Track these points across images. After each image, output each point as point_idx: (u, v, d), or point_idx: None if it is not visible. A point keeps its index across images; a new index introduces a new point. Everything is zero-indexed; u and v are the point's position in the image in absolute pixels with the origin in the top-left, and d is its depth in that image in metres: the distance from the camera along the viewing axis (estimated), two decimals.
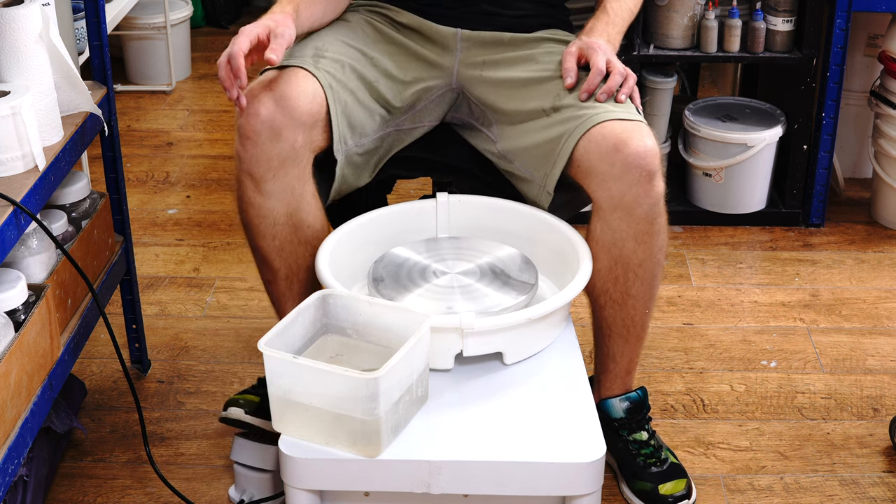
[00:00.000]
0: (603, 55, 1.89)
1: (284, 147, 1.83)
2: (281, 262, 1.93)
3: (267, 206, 1.87)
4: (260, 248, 1.93)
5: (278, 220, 1.89)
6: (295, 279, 1.95)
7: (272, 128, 1.81)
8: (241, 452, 2.04)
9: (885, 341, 2.57)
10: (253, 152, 1.83)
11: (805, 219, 3.07)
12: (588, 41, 1.92)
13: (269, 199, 1.86)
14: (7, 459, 1.66)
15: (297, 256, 1.93)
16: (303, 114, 1.83)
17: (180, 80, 4.04)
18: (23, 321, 1.76)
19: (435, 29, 2.01)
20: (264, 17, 1.84)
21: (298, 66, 1.88)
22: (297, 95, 1.83)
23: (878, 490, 2.13)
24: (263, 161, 1.83)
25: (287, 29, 1.81)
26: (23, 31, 1.83)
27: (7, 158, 1.77)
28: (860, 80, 3.18)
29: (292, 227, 1.89)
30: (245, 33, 1.79)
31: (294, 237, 1.91)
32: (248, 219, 1.91)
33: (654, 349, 2.54)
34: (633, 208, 1.82)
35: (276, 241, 1.91)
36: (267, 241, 1.91)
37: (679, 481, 2.05)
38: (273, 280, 1.96)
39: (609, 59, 1.90)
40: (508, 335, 1.73)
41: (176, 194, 3.23)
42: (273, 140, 1.82)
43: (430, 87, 2.02)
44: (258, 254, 1.94)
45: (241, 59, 1.76)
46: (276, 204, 1.87)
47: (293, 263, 1.93)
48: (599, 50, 1.90)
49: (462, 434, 1.64)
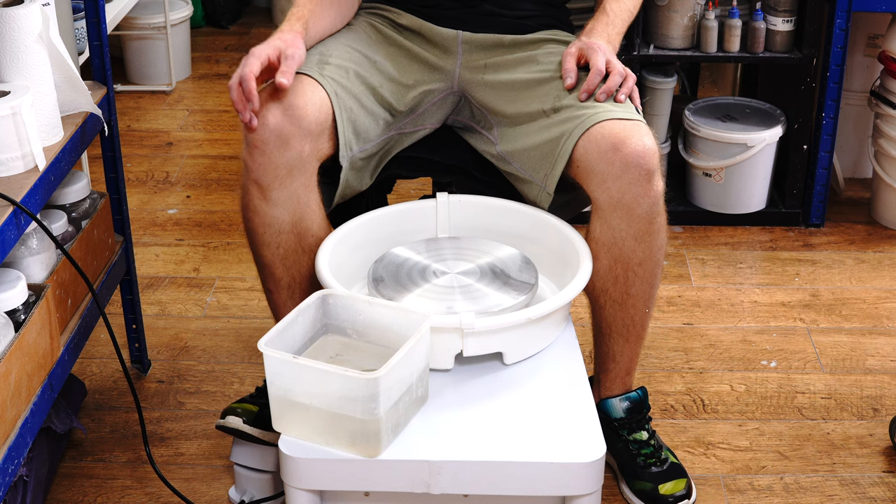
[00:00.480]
0: (602, 55, 1.89)
1: (292, 156, 1.83)
2: (284, 271, 1.93)
3: (272, 214, 1.87)
4: (263, 257, 1.93)
5: (283, 229, 1.88)
6: (297, 288, 1.95)
7: (280, 136, 1.81)
8: (241, 453, 2.04)
9: (885, 341, 2.57)
10: (260, 161, 1.82)
11: (805, 219, 3.07)
12: (588, 42, 1.92)
13: (275, 208, 1.86)
14: (7, 459, 1.66)
15: (301, 266, 1.92)
16: (311, 122, 1.83)
17: (180, 80, 4.04)
18: (23, 321, 1.76)
19: (436, 31, 2.01)
20: (274, 37, 1.84)
21: (305, 73, 1.88)
22: (305, 104, 1.83)
23: (878, 490, 2.13)
24: (271, 170, 1.83)
25: (297, 50, 1.81)
26: (23, 31, 1.83)
27: (7, 158, 1.77)
28: (860, 80, 3.18)
29: (297, 236, 1.89)
30: (255, 55, 1.79)
31: (298, 246, 1.90)
32: (252, 227, 1.91)
33: (654, 349, 2.54)
34: (633, 207, 1.82)
35: (280, 250, 1.91)
36: (271, 250, 1.91)
37: (679, 481, 2.05)
38: (275, 289, 1.96)
39: (609, 60, 1.90)
40: (508, 335, 1.73)
41: (176, 194, 3.23)
42: (281, 149, 1.82)
43: (432, 90, 2.02)
44: (261, 262, 1.94)
45: (253, 82, 1.76)
46: (282, 212, 1.87)
47: (296, 273, 1.93)
48: (599, 50, 1.90)
49: (462, 434, 1.64)
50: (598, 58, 1.89)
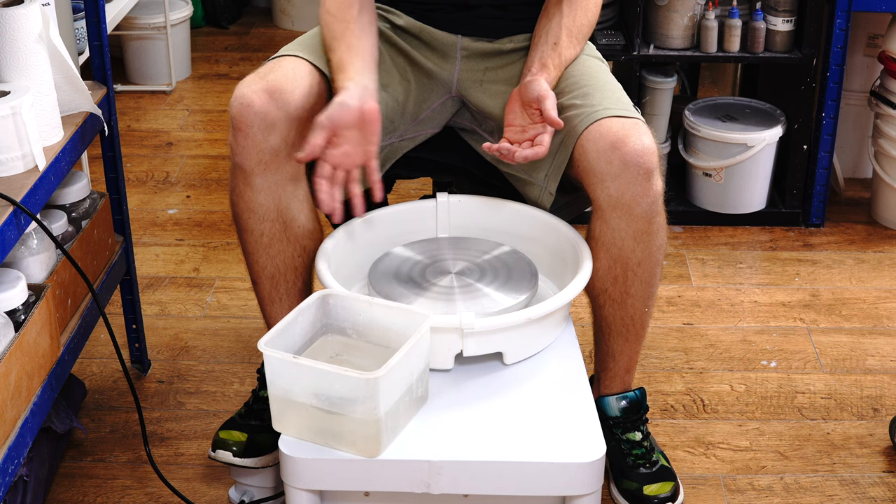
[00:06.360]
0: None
1: (277, 141, 1.80)
2: (267, 259, 1.90)
3: (256, 200, 1.85)
4: (247, 244, 1.90)
5: (267, 216, 1.86)
6: (281, 280, 1.92)
7: (265, 120, 1.78)
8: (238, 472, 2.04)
9: (885, 341, 2.57)
10: (244, 145, 1.80)
11: (805, 219, 3.07)
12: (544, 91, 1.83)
13: (259, 194, 1.84)
14: (7, 459, 1.66)
15: (285, 256, 1.90)
16: (298, 108, 1.80)
17: (180, 80, 4.04)
18: (23, 321, 1.76)
19: (435, 35, 2.00)
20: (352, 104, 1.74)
21: (302, 57, 1.86)
22: (293, 89, 1.79)
23: (878, 490, 2.13)
24: (254, 154, 1.80)
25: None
26: (23, 31, 1.83)
27: (7, 158, 1.77)
28: (860, 80, 3.18)
29: (282, 225, 1.87)
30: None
31: (283, 235, 1.88)
32: (237, 212, 1.88)
33: (654, 349, 2.54)
34: (632, 207, 1.82)
35: (263, 238, 1.88)
36: (254, 237, 1.88)
37: (665, 483, 2.03)
38: (258, 279, 1.93)
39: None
40: (508, 335, 1.73)
41: (176, 194, 3.23)
42: (265, 133, 1.79)
43: (431, 96, 2.01)
44: (245, 249, 1.91)
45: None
46: (266, 199, 1.84)
47: (280, 263, 1.91)
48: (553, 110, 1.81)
49: (462, 434, 1.64)
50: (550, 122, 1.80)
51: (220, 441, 2.02)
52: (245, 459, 2.00)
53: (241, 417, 2.07)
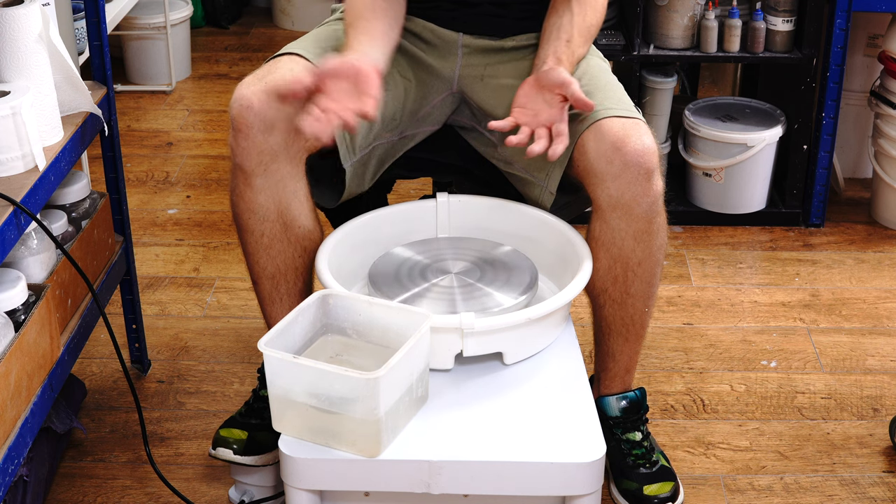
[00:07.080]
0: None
1: (277, 141, 1.80)
2: (268, 260, 1.90)
3: (257, 201, 1.85)
4: (247, 244, 1.90)
5: (267, 217, 1.86)
6: (282, 280, 1.92)
7: (264, 121, 1.78)
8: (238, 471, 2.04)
9: (885, 341, 2.57)
10: (244, 145, 1.80)
11: (805, 219, 3.07)
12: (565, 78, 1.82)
13: (259, 195, 1.84)
14: (7, 459, 1.66)
15: (286, 256, 1.90)
16: (298, 108, 1.78)
17: (180, 80, 4.04)
18: (23, 321, 1.76)
19: (437, 32, 2.00)
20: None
21: (298, 53, 1.86)
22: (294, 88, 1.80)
23: (878, 490, 2.13)
24: (255, 155, 1.80)
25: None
26: (23, 31, 1.83)
27: (7, 158, 1.77)
28: (860, 80, 3.18)
29: (282, 226, 1.87)
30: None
31: (283, 236, 1.88)
32: (237, 213, 1.88)
33: (654, 349, 2.54)
34: (632, 207, 1.82)
35: (264, 238, 1.88)
36: (255, 238, 1.88)
37: (665, 483, 2.03)
38: (258, 279, 1.93)
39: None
40: (508, 335, 1.73)
41: (176, 194, 3.23)
42: (265, 134, 1.79)
43: (431, 93, 2.01)
44: (246, 250, 1.91)
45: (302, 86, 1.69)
46: (266, 199, 1.84)
47: (280, 263, 1.91)
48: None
49: (462, 434, 1.64)
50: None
51: (221, 439, 2.02)
52: (245, 457, 2.00)
53: (241, 416, 2.07)
